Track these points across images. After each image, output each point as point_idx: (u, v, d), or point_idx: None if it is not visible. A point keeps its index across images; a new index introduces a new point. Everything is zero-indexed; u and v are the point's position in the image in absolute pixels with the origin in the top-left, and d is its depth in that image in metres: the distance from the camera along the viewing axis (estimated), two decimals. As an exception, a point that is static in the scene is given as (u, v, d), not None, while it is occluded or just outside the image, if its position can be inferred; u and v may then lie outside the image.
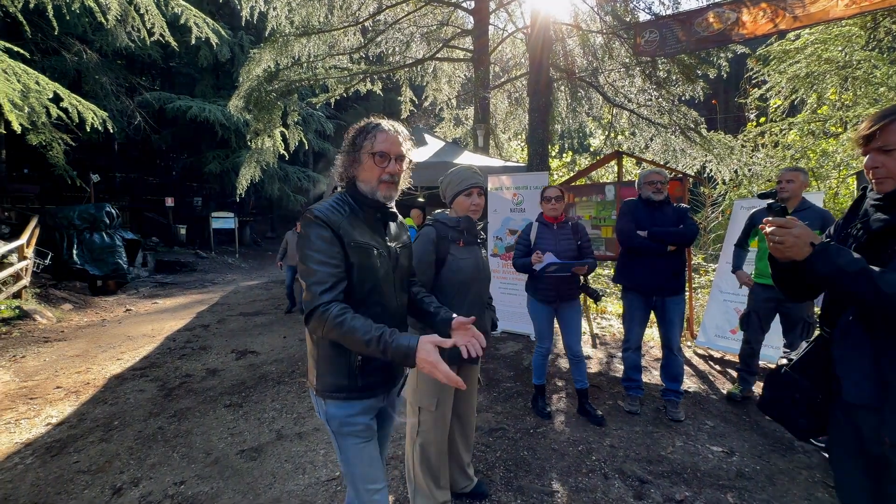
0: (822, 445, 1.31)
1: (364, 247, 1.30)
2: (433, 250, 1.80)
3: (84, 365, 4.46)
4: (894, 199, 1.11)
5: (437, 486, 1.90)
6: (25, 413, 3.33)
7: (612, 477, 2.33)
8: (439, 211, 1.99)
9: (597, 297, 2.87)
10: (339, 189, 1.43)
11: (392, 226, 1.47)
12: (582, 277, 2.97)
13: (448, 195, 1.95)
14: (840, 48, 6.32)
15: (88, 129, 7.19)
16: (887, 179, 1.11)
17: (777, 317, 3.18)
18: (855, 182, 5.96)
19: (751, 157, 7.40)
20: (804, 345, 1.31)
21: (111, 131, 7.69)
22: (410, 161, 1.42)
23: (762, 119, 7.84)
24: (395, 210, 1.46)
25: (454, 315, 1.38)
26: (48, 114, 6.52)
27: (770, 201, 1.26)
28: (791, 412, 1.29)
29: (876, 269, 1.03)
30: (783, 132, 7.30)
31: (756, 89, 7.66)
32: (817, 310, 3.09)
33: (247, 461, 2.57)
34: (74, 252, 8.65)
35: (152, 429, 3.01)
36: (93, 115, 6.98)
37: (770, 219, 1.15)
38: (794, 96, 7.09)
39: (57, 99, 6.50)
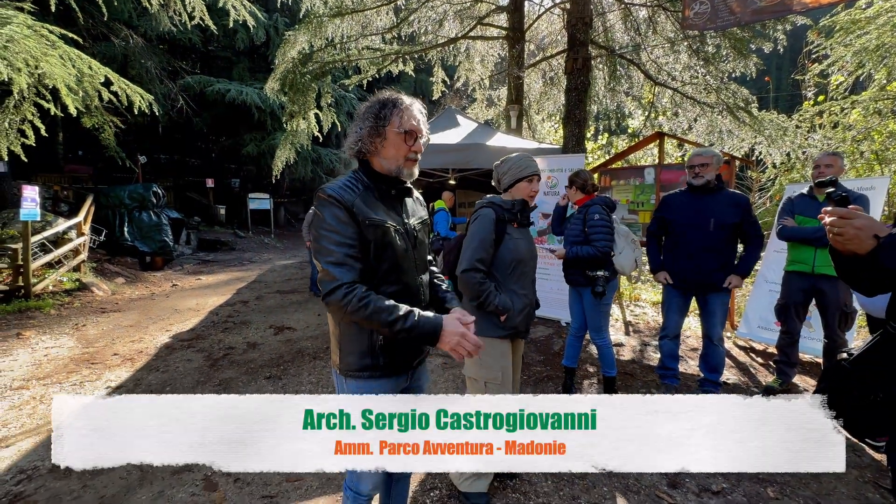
0: (879, 446, 1.24)
1: (380, 224, 1.27)
2: (493, 230, 1.87)
3: (137, 335, 4.79)
4: None
5: None
6: (88, 376, 3.63)
7: (645, 464, 2.30)
8: (491, 195, 2.04)
9: (595, 290, 2.78)
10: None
11: (408, 202, 1.43)
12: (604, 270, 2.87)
13: (507, 181, 2.02)
14: (919, 16, 5.69)
15: (136, 112, 7.51)
16: None
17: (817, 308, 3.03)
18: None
19: (805, 139, 6.86)
20: (868, 339, 1.23)
21: (157, 114, 8.01)
22: (428, 139, 1.39)
23: (821, 97, 7.24)
24: (409, 185, 1.41)
25: (458, 307, 1.40)
26: (100, 97, 6.85)
27: (830, 189, 1.18)
28: (847, 409, 1.23)
29: None
30: (845, 111, 6.71)
31: (816, 64, 7.03)
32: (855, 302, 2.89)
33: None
34: (125, 229, 9.22)
35: (200, 396, 3.22)
36: (140, 98, 7.28)
37: (829, 208, 1.07)
38: (859, 71, 6.47)
39: (108, 83, 6.79)
